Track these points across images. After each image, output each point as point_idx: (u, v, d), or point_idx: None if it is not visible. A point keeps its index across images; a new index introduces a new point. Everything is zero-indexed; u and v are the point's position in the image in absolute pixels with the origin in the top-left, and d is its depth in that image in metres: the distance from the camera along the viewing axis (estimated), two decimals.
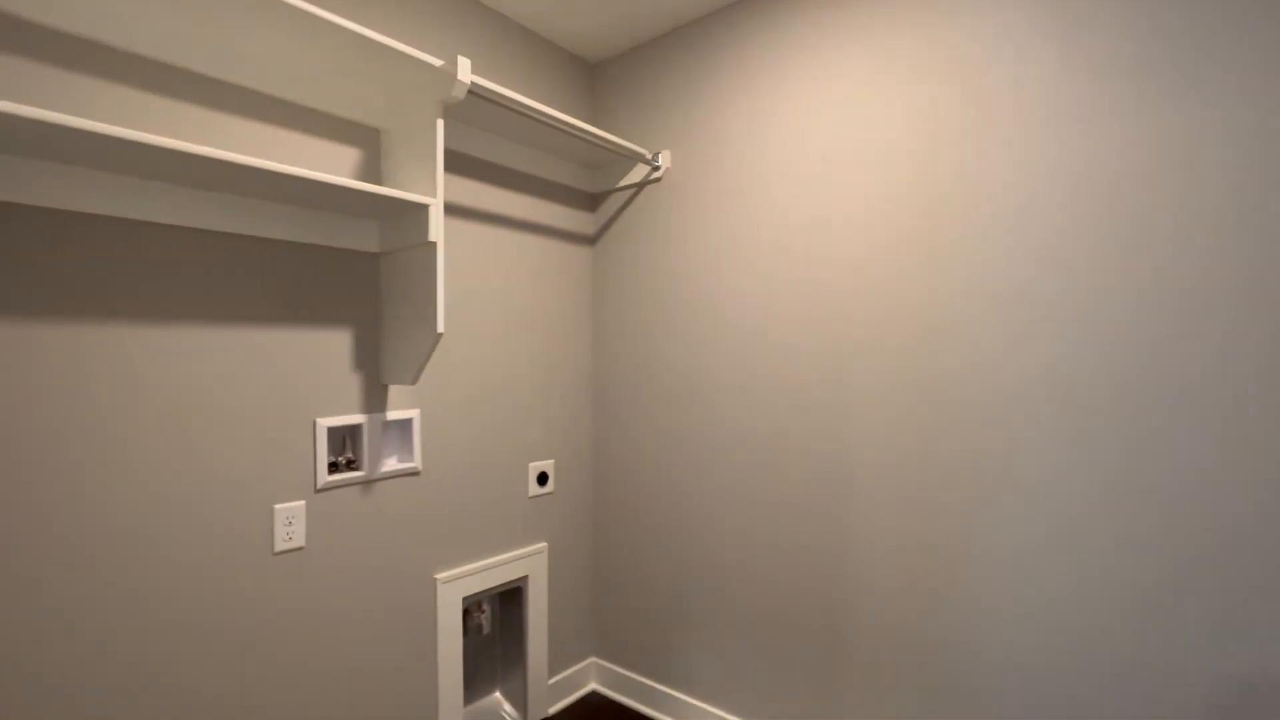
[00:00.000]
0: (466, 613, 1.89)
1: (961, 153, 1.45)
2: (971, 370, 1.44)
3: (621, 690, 2.16)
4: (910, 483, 1.53)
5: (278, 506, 1.41)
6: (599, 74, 2.23)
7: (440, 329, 1.44)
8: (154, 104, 1.24)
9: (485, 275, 1.87)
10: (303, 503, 1.46)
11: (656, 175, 2.03)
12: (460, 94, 1.42)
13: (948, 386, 1.47)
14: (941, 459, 1.48)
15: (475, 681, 1.99)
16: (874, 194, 1.59)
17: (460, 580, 1.79)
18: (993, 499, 1.41)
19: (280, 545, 1.42)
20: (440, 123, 1.44)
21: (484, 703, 2.01)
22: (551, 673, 2.10)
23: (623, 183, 2.12)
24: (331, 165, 1.52)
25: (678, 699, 2.00)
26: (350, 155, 1.56)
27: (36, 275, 1.11)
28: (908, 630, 1.54)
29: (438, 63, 1.42)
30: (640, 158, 1.99)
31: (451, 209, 1.78)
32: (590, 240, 2.24)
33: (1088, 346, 1.29)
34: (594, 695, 2.20)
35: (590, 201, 2.24)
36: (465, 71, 1.41)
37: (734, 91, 1.85)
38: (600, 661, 2.23)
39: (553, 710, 2.08)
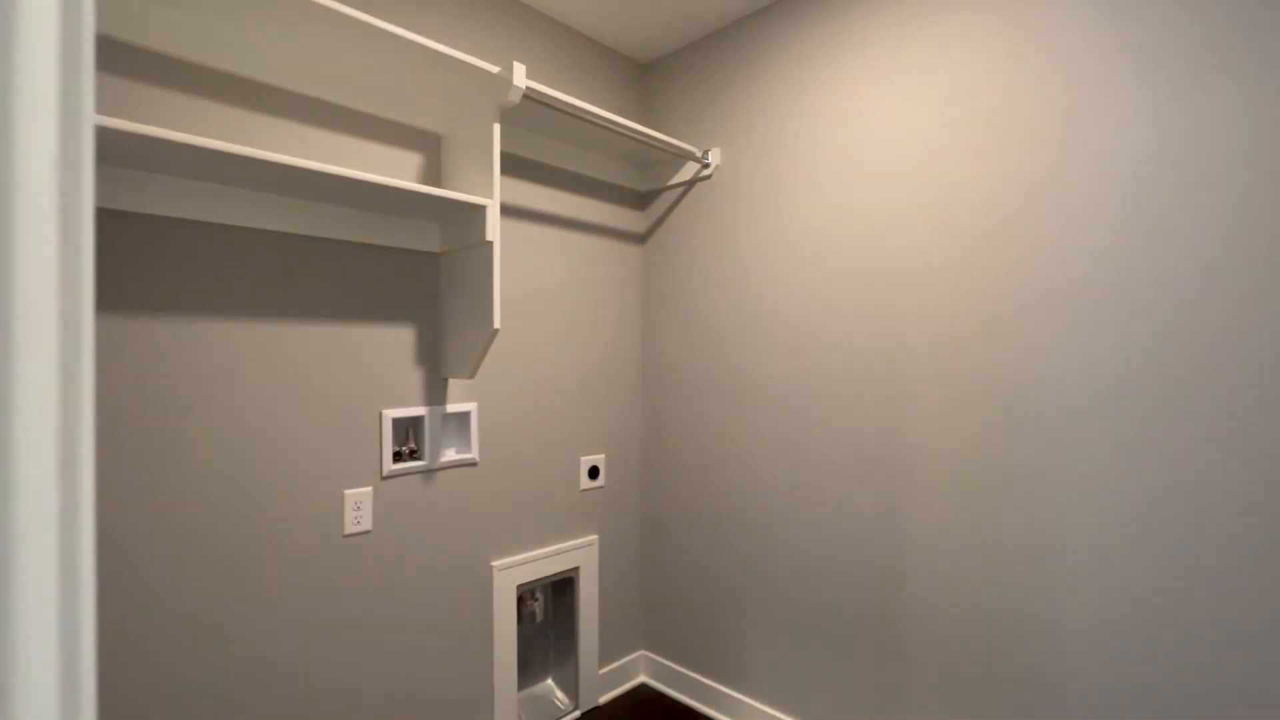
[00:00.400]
0: (520, 600, 1.96)
1: (1015, 146, 1.40)
2: (1029, 364, 1.39)
3: (670, 683, 2.18)
4: (968, 477, 1.49)
5: (347, 492, 1.50)
6: (649, 73, 2.25)
7: (497, 325, 1.50)
8: (228, 114, 1.34)
9: (539, 273, 1.93)
10: (370, 489, 1.55)
11: (706, 173, 2.04)
12: (515, 98, 1.48)
13: (1005, 381, 1.42)
14: (1001, 453, 1.43)
15: (528, 667, 2.06)
16: (926, 189, 1.55)
17: (515, 568, 1.85)
18: (1056, 492, 1.36)
19: (349, 528, 1.51)
20: (497, 127, 1.50)
21: (537, 688, 2.07)
22: (601, 663, 2.14)
23: (673, 181, 2.14)
24: (395, 169, 1.60)
25: (727, 694, 2.01)
26: (413, 160, 1.64)
27: (142, 276, 1.22)
28: (969, 627, 1.50)
29: (494, 69, 1.48)
30: (690, 155, 2.00)
31: (507, 209, 1.85)
32: (640, 238, 2.27)
33: (1148, 340, 1.23)
34: (643, 687, 2.23)
35: (640, 200, 2.27)
36: (520, 77, 1.46)
37: (784, 87, 1.84)
38: (649, 654, 2.26)
39: (603, 700, 2.12)
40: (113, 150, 1.07)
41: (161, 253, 1.24)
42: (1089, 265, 1.31)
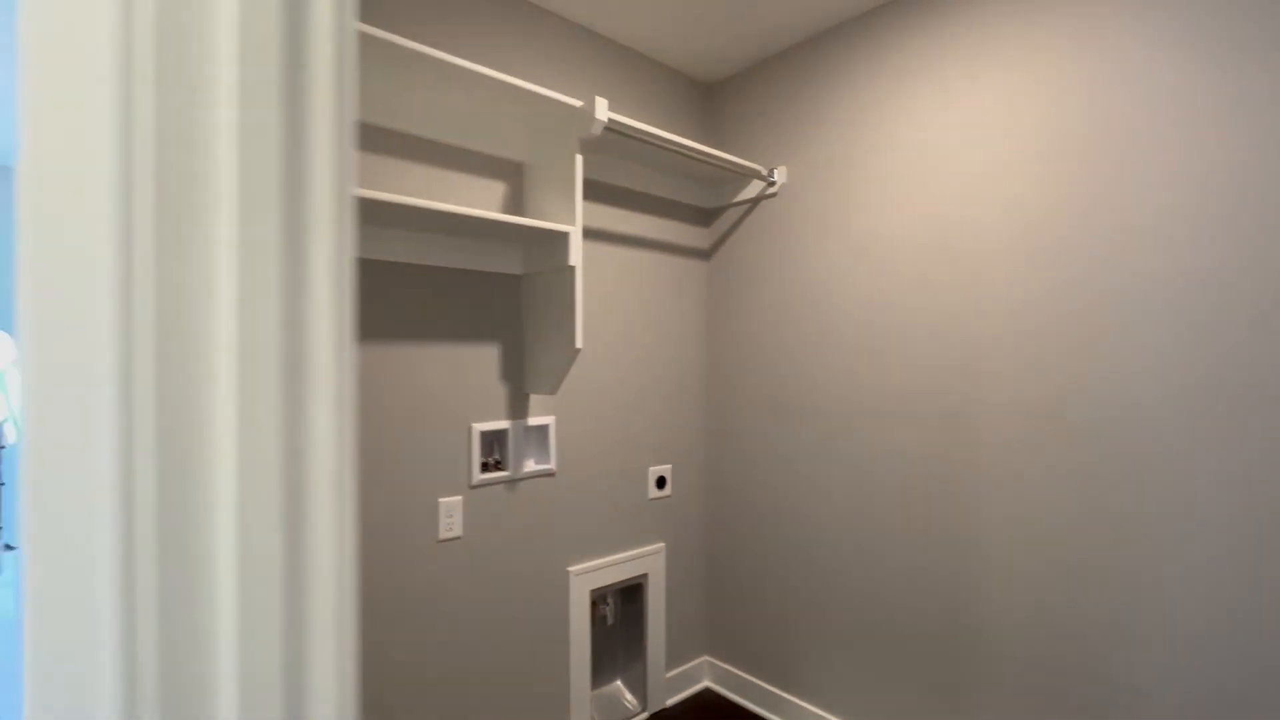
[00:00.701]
0: (593, 604, 2.04)
1: (1089, 163, 1.40)
2: (1112, 382, 1.38)
3: (733, 689, 2.23)
4: (1044, 497, 1.49)
5: (441, 500, 1.62)
6: (713, 93, 2.31)
7: (579, 344, 1.59)
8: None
9: (608, 290, 2.01)
10: (460, 498, 1.66)
11: (772, 191, 2.08)
12: (598, 131, 1.56)
13: (1086, 399, 1.42)
14: (1079, 474, 1.43)
15: (599, 668, 2.14)
16: (997, 205, 1.56)
17: (589, 574, 1.94)
18: (1139, 512, 1.35)
19: (443, 534, 1.62)
20: (579, 158, 1.59)
21: (607, 689, 2.16)
22: (667, 667, 2.21)
23: (738, 198, 2.19)
24: (482, 198, 1.71)
25: (790, 701, 2.04)
26: (497, 188, 1.74)
27: None
28: (1047, 650, 1.50)
29: (577, 103, 1.57)
30: (757, 174, 2.05)
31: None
32: (705, 254, 2.33)
33: (1244, 355, 1.21)
34: (707, 692, 2.29)
35: (705, 217, 2.33)
36: (603, 110, 1.54)
37: (852, 106, 1.87)
38: (712, 660, 2.32)
39: (669, 702, 2.19)
40: None
41: None
42: (1187, 282, 1.30)
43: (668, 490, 2.20)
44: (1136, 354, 1.36)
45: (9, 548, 3.71)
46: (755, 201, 2.16)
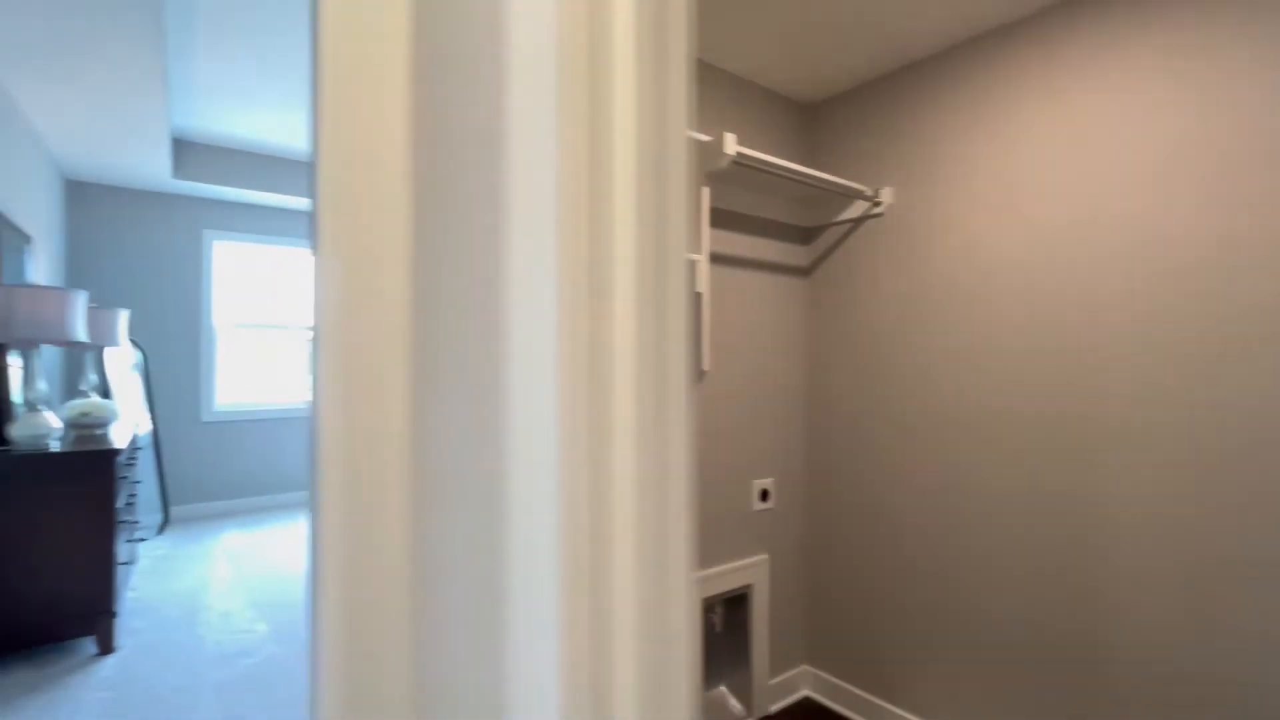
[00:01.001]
0: (704, 612, 2.12)
1: (1230, 172, 1.39)
2: (1248, 407, 1.37)
3: (833, 697, 2.28)
4: (1172, 525, 1.48)
5: None
6: (815, 113, 2.36)
7: (706, 367, 1.67)
8: None
9: (715, 309, 2.09)
10: None
11: (878, 210, 2.12)
12: (725, 164, 1.64)
13: (1228, 422, 1.41)
14: (1210, 502, 1.42)
15: (706, 673, 2.22)
16: (1125, 222, 1.55)
17: (700, 583, 2.02)
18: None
19: None
20: (706, 190, 1.67)
21: (714, 693, 2.24)
22: (770, 674, 2.27)
23: (840, 218, 2.23)
24: None
25: (890, 711, 2.07)
26: None
27: None
28: (1173, 674, 1.50)
29: (706, 138, 1.65)
30: (862, 195, 2.09)
31: None
32: (804, 272, 2.38)
33: None
34: (807, 700, 2.34)
35: (804, 235, 2.38)
36: (731, 145, 1.62)
37: (963, 125, 1.89)
38: (812, 669, 2.37)
39: (772, 709, 2.25)
40: None
41: None
42: None
43: (771, 503, 2.26)
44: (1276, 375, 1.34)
45: (141, 539, 4.07)
46: (859, 221, 2.20)
